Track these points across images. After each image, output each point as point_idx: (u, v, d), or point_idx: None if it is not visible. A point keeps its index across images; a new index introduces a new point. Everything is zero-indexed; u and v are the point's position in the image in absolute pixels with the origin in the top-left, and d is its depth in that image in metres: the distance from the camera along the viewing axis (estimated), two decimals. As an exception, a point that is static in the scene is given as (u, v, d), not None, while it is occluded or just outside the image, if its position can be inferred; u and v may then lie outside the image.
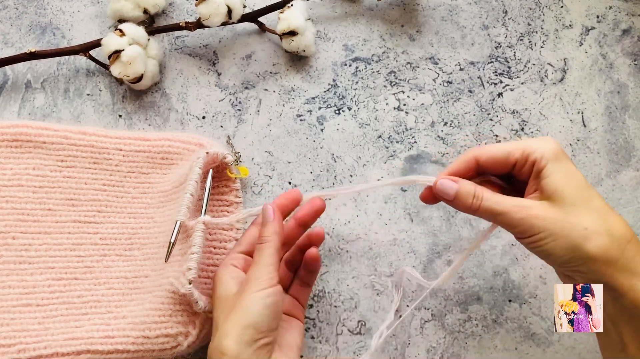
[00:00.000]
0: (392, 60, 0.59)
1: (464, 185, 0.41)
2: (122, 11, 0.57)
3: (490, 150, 0.42)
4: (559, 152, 0.40)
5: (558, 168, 0.39)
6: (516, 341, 0.50)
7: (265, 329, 0.40)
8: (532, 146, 0.40)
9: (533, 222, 0.38)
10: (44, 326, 0.46)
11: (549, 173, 0.39)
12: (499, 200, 0.40)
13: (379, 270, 0.52)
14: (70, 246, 0.49)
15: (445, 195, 0.42)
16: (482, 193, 0.40)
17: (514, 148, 0.41)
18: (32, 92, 0.57)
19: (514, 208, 0.39)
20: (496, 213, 0.40)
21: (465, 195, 0.41)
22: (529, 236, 0.39)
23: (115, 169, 0.52)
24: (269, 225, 0.43)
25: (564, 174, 0.39)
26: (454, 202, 0.41)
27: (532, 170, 0.40)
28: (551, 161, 0.39)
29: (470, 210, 0.41)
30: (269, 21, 0.58)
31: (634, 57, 0.60)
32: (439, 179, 0.42)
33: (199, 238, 0.45)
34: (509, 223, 0.39)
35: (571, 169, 0.40)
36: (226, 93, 0.57)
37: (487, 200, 0.40)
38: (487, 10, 0.61)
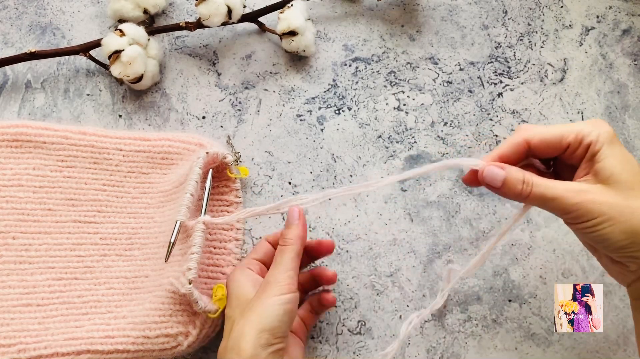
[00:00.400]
0: (392, 60, 0.59)
1: (512, 172, 0.39)
2: (122, 11, 0.57)
3: (542, 132, 0.40)
4: (613, 135, 0.39)
5: (613, 152, 0.38)
6: (516, 341, 0.50)
7: (280, 335, 0.40)
8: (586, 129, 0.39)
9: (589, 207, 0.37)
10: (44, 326, 0.46)
11: (604, 156, 0.38)
12: (550, 184, 0.38)
13: (379, 270, 0.52)
14: (70, 246, 0.49)
15: (493, 183, 0.39)
16: (532, 178, 0.38)
17: (567, 131, 0.39)
18: (32, 92, 0.57)
19: (568, 193, 0.37)
20: (548, 199, 0.38)
21: (514, 181, 0.39)
22: (584, 221, 0.37)
23: (115, 169, 0.52)
24: (293, 228, 0.43)
25: (620, 158, 0.38)
26: (501, 190, 0.39)
27: (586, 154, 0.39)
28: (606, 144, 0.38)
29: (520, 197, 0.39)
30: (269, 21, 0.58)
31: (634, 57, 0.60)
32: (486, 166, 0.40)
33: (199, 238, 0.45)
34: (562, 208, 0.38)
35: (625, 153, 0.39)
36: (226, 93, 0.57)
37: (538, 185, 0.38)
38: (487, 10, 0.61)
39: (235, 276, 0.44)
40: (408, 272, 0.52)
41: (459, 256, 0.52)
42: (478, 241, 0.53)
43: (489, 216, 0.53)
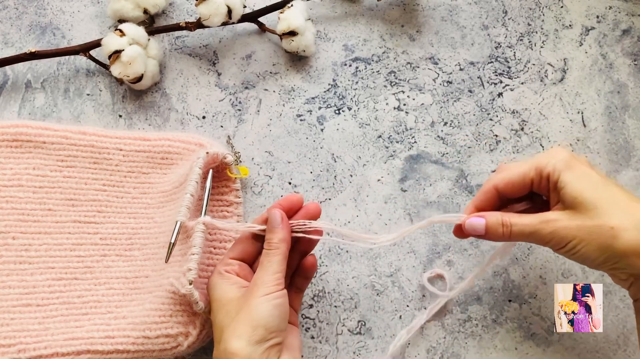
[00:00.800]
0: (392, 60, 0.59)
1: (491, 217, 0.43)
2: (122, 11, 0.57)
3: (506, 176, 0.43)
4: (570, 159, 0.41)
5: (572, 176, 0.41)
6: (516, 341, 0.50)
7: (275, 329, 0.40)
8: (542, 161, 0.42)
9: (562, 233, 0.40)
10: (44, 326, 0.46)
11: (564, 183, 0.41)
12: (525, 221, 0.41)
13: (379, 270, 0.52)
14: (70, 246, 0.49)
15: (476, 232, 0.43)
16: (510, 219, 0.42)
17: (527, 168, 0.42)
18: (32, 92, 0.57)
19: (541, 225, 0.41)
20: (527, 234, 0.41)
21: (495, 226, 0.42)
22: (562, 247, 0.40)
23: (115, 169, 0.52)
24: (277, 232, 0.43)
25: (579, 180, 0.40)
26: (486, 236, 0.43)
27: (549, 184, 0.42)
28: (563, 171, 0.41)
29: (504, 238, 0.42)
30: (269, 21, 0.58)
31: (634, 57, 0.60)
32: (466, 219, 0.43)
33: (199, 239, 0.45)
34: (540, 239, 0.41)
35: (585, 172, 0.41)
36: (226, 93, 0.57)
37: (516, 224, 0.42)
38: (487, 10, 0.61)
39: (214, 281, 0.44)
40: (408, 272, 0.52)
41: (459, 256, 0.52)
42: (478, 241, 0.53)
43: (489, 216, 0.53)
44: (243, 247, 0.46)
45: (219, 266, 0.45)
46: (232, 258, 0.45)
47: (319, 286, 0.51)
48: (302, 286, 0.47)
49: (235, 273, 0.44)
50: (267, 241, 0.43)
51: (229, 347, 0.39)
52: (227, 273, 0.44)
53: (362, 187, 0.54)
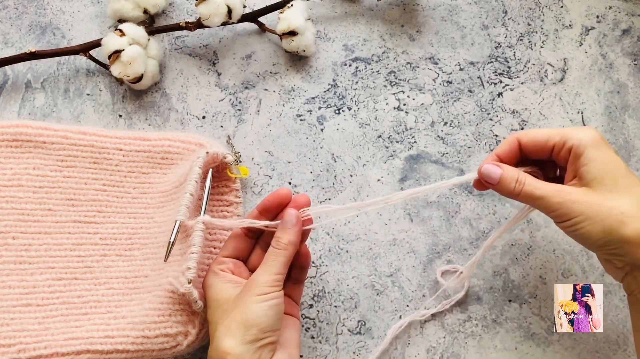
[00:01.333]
0: (392, 60, 0.59)
1: (508, 170, 0.43)
2: (122, 11, 0.57)
3: (531, 133, 0.44)
4: (598, 138, 0.41)
5: (597, 155, 0.40)
6: (516, 341, 0.50)
7: (269, 329, 0.40)
8: (571, 132, 0.42)
9: (570, 206, 0.40)
10: (44, 326, 0.46)
11: (587, 160, 0.40)
12: (539, 185, 0.41)
13: (379, 270, 0.52)
14: (70, 246, 0.49)
15: (489, 179, 0.43)
16: (525, 178, 0.42)
17: (554, 133, 0.43)
18: (32, 92, 0.57)
19: (552, 193, 0.41)
20: (536, 197, 0.41)
21: (508, 179, 0.42)
22: (567, 220, 0.40)
23: (115, 169, 0.52)
24: (289, 233, 0.43)
25: (603, 161, 0.40)
26: (497, 186, 0.43)
27: (570, 156, 0.42)
28: (589, 147, 0.41)
29: (513, 193, 0.42)
30: (269, 21, 0.58)
31: (634, 57, 0.60)
32: (484, 164, 0.43)
33: (198, 238, 0.45)
34: (547, 206, 0.41)
35: (611, 156, 0.41)
36: (226, 93, 0.57)
37: (528, 184, 0.41)
38: (487, 10, 0.61)
39: (209, 280, 0.43)
40: (408, 272, 0.52)
41: (458, 256, 0.52)
42: (478, 241, 0.53)
43: (489, 216, 0.53)
44: (236, 244, 0.46)
45: (213, 266, 0.44)
46: (226, 256, 0.45)
47: (319, 286, 0.51)
48: (299, 277, 0.47)
49: (230, 271, 0.44)
50: (277, 239, 0.43)
51: (221, 345, 0.39)
52: (222, 271, 0.44)
53: (362, 187, 0.54)
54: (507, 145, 0.44)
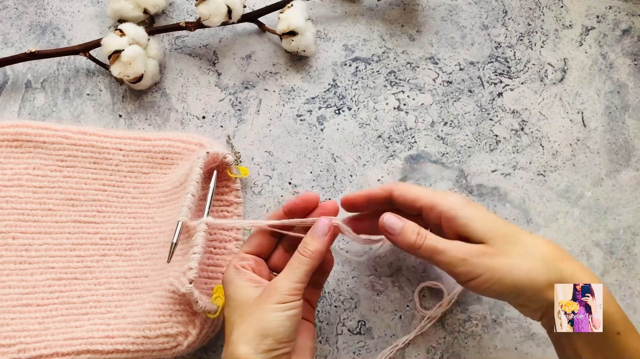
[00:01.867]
0: (392, 60, 0.59)
1: (409, 223, 0.42)
2: (122, 11, 0.57)
3: (403, 189, 0.44)
4: (464, 200, 0.42)
5: (471, 213, 0.41)
6: (516, 341, 0.50)
7: (285, 340, 0.39)
8: (437, 198, 0.42)
9: (474, 262, 0.39)
10: (44, 326, 0.46)
11: (465, 220, 0.40)
12: (440, 240, 0.41)
13: (379, 270, 0.52)
14: (70, 246, 0.49)
15: (391, 230, 0.42)
16: (426, 232, 0.41)
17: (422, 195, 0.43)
18: (32, 92, 0.57)
19: (454, 247, 0.40)
20: (438, 251, 0.40)
21: (410, 231, 0.41)
22: (473, 278, 0.39)
23: (115, 169, 0.52)
24: (318, 241, 0.42)
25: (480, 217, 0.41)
26: (398, 237, 0.42)
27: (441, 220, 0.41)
28: (460, 209, 0.41)
29: (414, 247, 0.41)
30: (269, 21, 0.58)
31: (634, 57, 0.60)
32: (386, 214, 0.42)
33: (201, 238, 0.45)
34: (449, 262, 0.40)
35: (482, 211, 0.41)
36: (226, 93, 0.57)
37: (430, 239, 0.41)
38: (487, 10, 0.61)
39: (229, 276, 0.42)
40: (408, 272, 0.52)
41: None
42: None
43: (489, 216, 0.53)
44: (259, 241, 0.45)
45: (235, 261, 0.43)
46: (248, 253, 0.44)
47: (319, 286, 0.51)
48: (320, 281, 0.46)
49: (251, 268, 0.43)
50: (304, 244, 0.42)
51: (236, 351, 0.38)
52: (243, 268, 0.43)
53: (362, 187, 0.54)
54: (381, 190, 0.44)
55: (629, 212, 0.54)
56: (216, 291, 0.46)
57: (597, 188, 0.54)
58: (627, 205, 0.54)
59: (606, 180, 0.55)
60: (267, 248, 0.45)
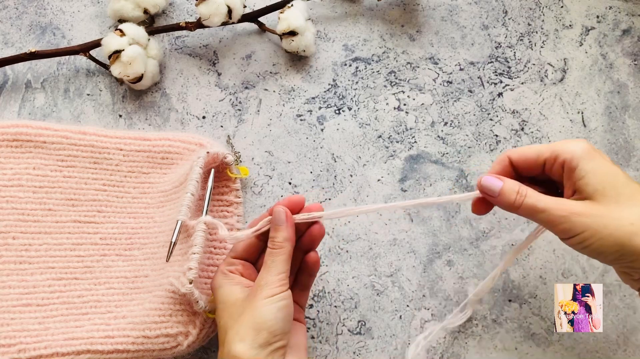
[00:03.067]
0: (392, 60, 0.59)
1: (509, 182, 0.41)
2: (122, 11, 0.57)
3: (521, 150, 0.42)
4: (590, 150, 0.40)
5: (592, 166, 0.39)
6: (516, 341, 0.50)
7: (279, 332, 0.39)
8: (561, 146, 0.40)
9: (575, 220, 0.38)
10: (44, 326, 0.46)
11: (583, 172, 0.39)
12: (541, 197, 0.40)
13: (379, 270, 0.52)
14: (70, 246, 0.49)
15: (490, 191, 0.41)
16: (526, 190, 0.40)
17: (544, 148, 0.41)
18: (32, 92, 0.57)
19: (555, 205, 0.39)
20: (538, 210, 0.39)
21: (509, 191, 0.40)
22: (573, 236, 0.38)
23: (115, 169, 0.52)
24: (282, 230, 0.42)
25: (600, 171, 0.39)
26: (498, 198, 0.41)
27: (563, 171, 0.40)
28: (582, 160, 0.39)
29: (513, 206, 0.40)
30: (269, 21, 0.58)
31: (634, 57, 0.60)
32: (484, 176, 0.42)
33: (200, 238, 0.45)
34: (550, 220, 0.39)
35: (606, 165, 0.39)
36: (226, 93, 0.57)
37: (530, 196, 0.40)
38: (487, 10, 0.61)
39: (218, 281, 0.43)
40: (408, 272, 0.52)
41: (459, 256, 0.52)
42: (478, 241, 0.53)
43: (489, 216, 0.53)
44: (246, 246, 0.45)
45: (223, 266, 0.44)
46: (235, 257, 0.45)
47: (319, 286, 0.51)
48: (306, 283, 0.47)
49: (239, 273, 0.44)
50: (271, 239, 0.43)
51: (232, 350, 0.38)
52: (231, 273, 0.43)
53: (362, 187, 0.54)
54: (499, 164, 0.43)
55: (629, 212, 0.54)
56: (216, 291, 0.46)
57: (597, 188, 0.54)
58: (627, 205, 0.54)
59: (606, 180, 0.55)
60: (254, 252, 0.45)
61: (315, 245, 0.46)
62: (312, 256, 0.45)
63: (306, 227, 0.45)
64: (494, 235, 0.53)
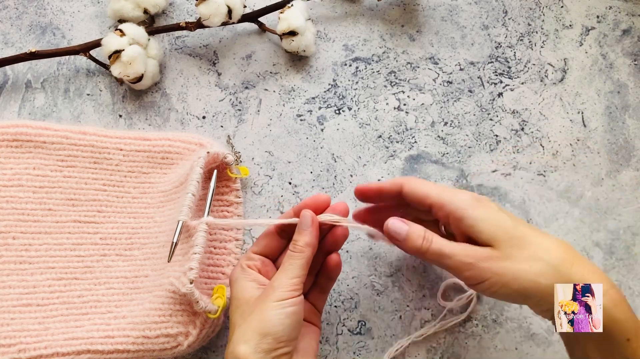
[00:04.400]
0: (392, 60, 0.59)
1: (414, 227, 0.41)
2: (122, 11, 0.57)
3: (414, 184, 0.43)
4: (473, 200, 0.41)
5: (478, 215, 0.40)
6: (516, 341, 0.50)
7: (285, 339, 0.39)
8: (447, 197, 0.41)
9: (481, 266, 0.38)
10: (44, 326, 0.46)
11: (472, 221, 0.40)
12: (445, 243, 0.40)
13: (379, 270, 0.52)
14: (70, 246, 0.49)
15: (396, 235, 0.41)
16: (432, 236, 0.40)
17: (432, 192, 0.42)
18: (32, 92, 0.57)
19: (461, 251, 0.39)
20: (445, 255, 0.39)
21: (414, 236, 0.41)
22: (480, 282, 0.39)
23: (115, 169, 0.52)
24: (305, 235, 0.42)
25: (488, 219, 0.40)
26: (403, 243, 0.41)
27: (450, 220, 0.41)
28: (467, 210, 0.40)
29: (420, 251, 0.40)
30: (269, 21, 0.58)
31: (634, 57, 0.60)
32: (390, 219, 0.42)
33: (201, 238, 0.45)
34: (457, 266, 0.39)
35: (492, 213, 0.40)
36: (226, 93, 0.57)
37: (436, 242, 0.40)
38: (487, 10, 0.61)
39: (235, 275, 0.43)
40: (408, 272, 0.52)
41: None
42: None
43: (489, 216, 0.53)
44: (267, 242, 0.45)
45: (242, 261, 0.44)
46: (256, 253, 0.44)
47: (319, 286, 0.51)
48: (326, 286, 0.46)
49: (257, 269, 0.43)
50: (293, 242, 0.42)
51: (236, 351, 0.38)
52: (249, 268, 0.43)
53: (362, 187, 0.54)
54: (390, 185, 0.43)
55: (629, 212, 0.54)
56: (216, 291, 0.46)
57: (597, 188, 0.54)
58: (627, 205, 0.54)
59: (606, 180, 0.55)
60: (275, 249, 0.45)
61: (338, 246, 0.45)
62: (333, 259, 0.45)
63: (329, 227, 0.45)
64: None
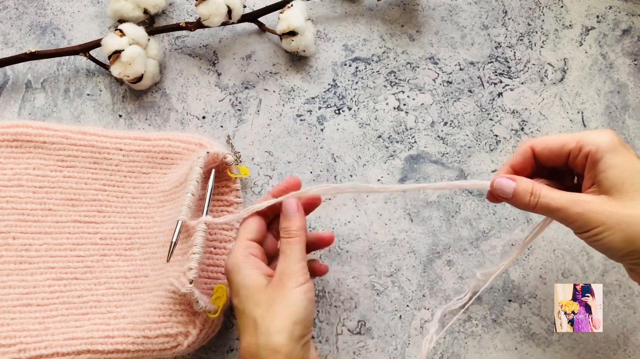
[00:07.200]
0: (392, 60, 0.59)
1: (522, 183, 0.40)
2: (122, 11, 0.57)
3: (545, 140, 0.41)
4: (616, 143, 0.39)
5: (615, 161, 0.38)
6: (516, 341, 0.50)
7: (309, 324, 0.40)
8: (587, 137, 0.39)
9: (590, 216, 0.38)
10: (44, 326, 0.46)
11: (606, 166, 0.38)
12: (555, 195, 0.39)
13: (379, 270, 0.52)
14: (70, 246, 0.49)
15: (503, 194, 0.41)
16: (540, 189, 0.40)
17: (569, 138, 0.40)
18: (32, 92, 0.57)
19: (570, 203, 0.39)
20: (553, 209, 0.39)
21: (522, 192, 0.40)
22: (587, 231, 0.38)
23: (115, 169, 0.52)
24: (294, 219, 0.43)
25: (622, 166, 0.38)
26: (511, 200, 0.41)
27: (587, 162, 0.40)
28: (608, 153, 0.39)
29: (528, 207, 0.40)
30: (269, 21, 0.58)
31: (634, 57, 0.60)
32: (496, 178, 0.41)
33: (200, 238, 0.45)
34: (566, 218, 0.39)
35: (630, 160, 0.39)
36: (226, 93, 0.57)
37: (544, 196, 0.39)
38: (487, 10, 0.61)
39: (238, 262, 0.42)
40: (408, 272, 0.52)
41: (459, 256, 0.52)
42: (478, 241, 0.53)
43: (489, 216, 0.53)
44: (257, 227, 0.45)
45: (240, 248, 0.43)
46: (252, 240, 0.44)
47: (319, 286, 0.51)
48: None
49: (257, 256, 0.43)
50: (285, 229, 0.43)
51: (271, 342, 0.38)
52: (251, 255, 0.43)
53: (362, 187, 0.54)
54: (520, 155, 0.42)
55: (629, 212, 0.54)
56: (216, 291, 0.46)
57: (597, 188, 0.54)
58: (627, 205, 0.54)
59: (606, 180, 0.55)
60: (264, 234, 0.45)
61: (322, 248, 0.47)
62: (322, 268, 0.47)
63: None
64: (494, 235, 0.53)
